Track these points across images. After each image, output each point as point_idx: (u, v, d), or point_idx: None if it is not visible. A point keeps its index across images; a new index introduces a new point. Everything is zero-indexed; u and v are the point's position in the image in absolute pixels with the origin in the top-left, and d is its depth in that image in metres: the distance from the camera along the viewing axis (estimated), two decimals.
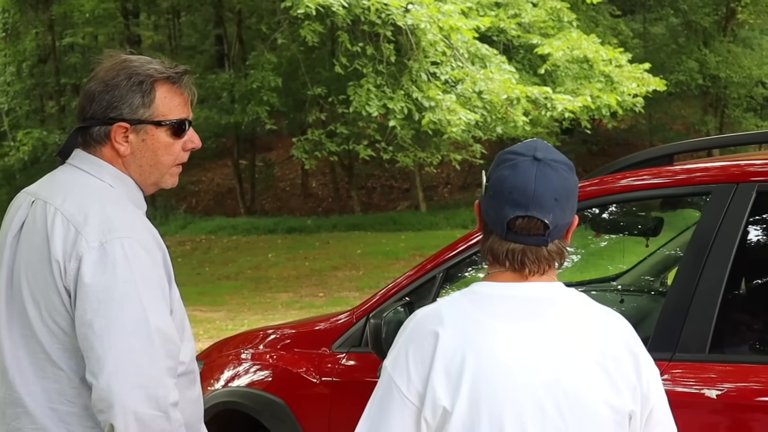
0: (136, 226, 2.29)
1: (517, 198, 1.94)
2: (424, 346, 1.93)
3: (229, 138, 23.35)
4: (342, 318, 4.06)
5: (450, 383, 1.90)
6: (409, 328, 2.00)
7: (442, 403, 1.89)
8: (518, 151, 2.00)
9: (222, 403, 4.24)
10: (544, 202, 1.95)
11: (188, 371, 2.38)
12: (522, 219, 1.95)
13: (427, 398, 1.90)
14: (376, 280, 14.14)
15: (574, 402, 1.91)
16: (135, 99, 2.34)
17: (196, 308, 12.60)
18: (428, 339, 1.94)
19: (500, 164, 2.00)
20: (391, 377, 1.96)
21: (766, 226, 3.62)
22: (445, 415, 1.89)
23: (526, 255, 1.98)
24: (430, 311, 2.01)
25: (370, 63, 13.61)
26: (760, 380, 2.86)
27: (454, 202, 22.02)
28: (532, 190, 1.94)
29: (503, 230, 1.97)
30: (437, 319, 1.97)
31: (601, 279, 5.13)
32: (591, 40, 14.65)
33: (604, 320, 2.04)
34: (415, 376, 1.92)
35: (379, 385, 1.99)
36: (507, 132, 13.99)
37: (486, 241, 2.02)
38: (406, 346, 1.96)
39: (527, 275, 1.99)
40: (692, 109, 24.44)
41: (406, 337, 1.98)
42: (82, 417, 2.25)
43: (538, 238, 1.96)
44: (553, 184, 1.96)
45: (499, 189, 1.97)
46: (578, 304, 2.03)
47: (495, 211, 1.97)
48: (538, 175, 1.95)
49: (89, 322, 2.17)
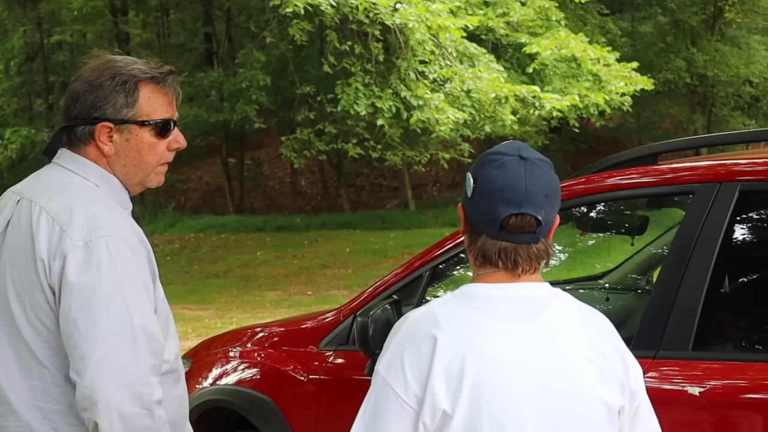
0: (121, 225, 2.29)
1: (509, 196, 1.94)
2: (421, 350, 1.91)
3: (218, 136, 23.30)
4: (329, 316, 4.07)
5: (450, 386, 1.88)
6: (402, 330, 1.98)
7: (442, 406, 1.88)
8: (502, 152, 2.01)
9: (210, 401, 4.25)
10: (536, 199, 1.95)
11: (172, 369, 2.39)
12: (515, 217, 1.95)
13: (426, 402, 1.89)
14: (365, 279, 14.14)
15: (572, 400, 1.93)
16: (119, 99, 2.34)
17: (184, 306, 12.59)
18: (425, 343, 1.92)
19: (486, 164, 2.00)
20: (386, 381, 1.93)
21: (748, 224, 3.65)
22: (445, 418, 1.88)
23: (518, 254, 1.98)
24: (424, 314, 1.99)
25: (358, 62, 13.62)
26: (742, 377, 2.88)
27: (443, 200, 22.04)
28: (523, 188, 1.95)
29: (495, 229, 1.96)
30: (433, 322, 1.94)
31: (587, 277, 5.16)
32: (579, 39, 14.68)
33: (592, 319, 2.06)
34: (413, 380, 1.90)
35: (373, 389, 1.96)
36: (495, 131, 14.01)
37: (475, 243, 2.01)
38: (401, 349, 1.94)
39: (519, 274, 1.99)
40: (680, 107, 24.50)
41: (400, 340, 1.96)
42: (66, 415, 2.26)
43: (529, 236, 1.97)
44: (542, 181, 1.97)
45: (489, 188, 1.96)
46: (568, 304, 2.05)
47: (485, 210, 1.97)
48: (527, 173, 1.96)
49: (73, 321, 2.17)
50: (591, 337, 2.01)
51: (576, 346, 1.98)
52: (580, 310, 2.06)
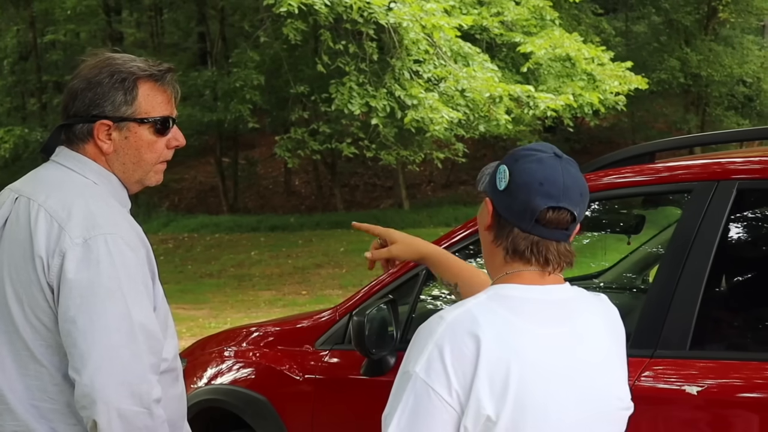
0: (120, 222, 2.28)
1: (548, 189, 1.93)
2: (464, 352, 1.84)
3: (212, 136, 23.28)
4: (325, 315, 4.06)
5: (495, 392, 1.83)
6: (439, 331, 1.88)
7: (486, 411, 1.82)
8: (538, 149, 2.01)
9: (205, 401, 4.24)
10: (573, 195, 1.95)
11: (171, 368, 2.38)
12: (553, 210, 1.93)
13: (470, 406, 1.83)
14: (359, 278, 14.13)
15: (603, 405, 1.96)
16: (117, 96, 2.33)
17: (178, 306, 12.56)
18: (468, 344, 1.85)
19: (522, 158, 1.99)
20: (426, 383, 1.84)
21: (746, 223, 3.64)
22: (488, 423, 1.83)
23: (549, 250, 1.96)
24: (463, 314, 1.90)
25: (352, 61, 13.61)
26: (740, 376, 2.88)
27: (437, 200, 22.04)
28: (561, 182, 1.94)
29: (530, 222, 1.94)
30: (474, 323, 1.87)
31: (583, 276, 5.15)
32: (573, 39, 14.71)
33: (607, 314, 2.08)
34: (456, 382, 1.83)
35: (408, 393, 1.87)
36: (489, 130, 14.02)
37: (504, 237, 1.98)
38: (440, 350, 1.85)
39: (549, 273, 1.97)
40: (674, 107, 24.54)
41: (439, 340, 1.87)
42: (64, 414, 2.25)
43: (561, 233, 1.96)
44: (577, 179, 1.98)
45: (528, 180, 1.94)
46: (592, 304, 2.05)
47: (521, 203, 1.94)
48: (563, 170, 1.97)
49: (72, 319, 2.16)
50: (614, 340, 2.04)
51: (604, 351, 1.99)
52: (603, 310, 2.07)
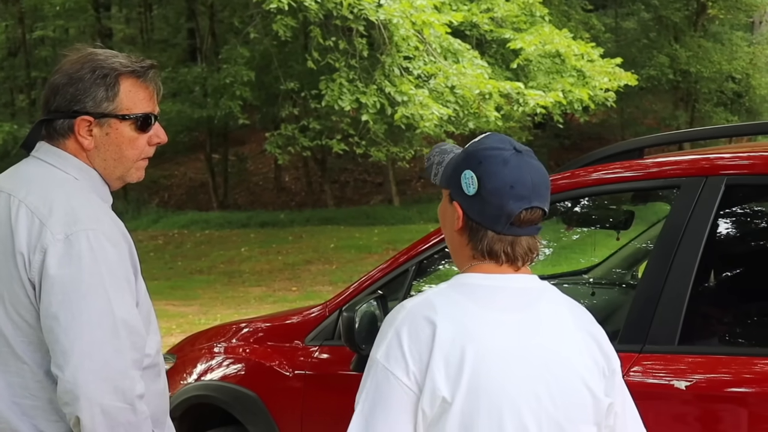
0: (102, 218, 2.27)
1: (519, 191, 1.95)
2: (420, 336, 1.91)
3: (202, 132, 23.25)
4: (315, 311, 4.06)
5: (449, 373, 1.88)
6: (399, 318, 1.96)
7: (441, 393, 1.88)
8: (497, 146, 2.00)
9: (195, 397, 4.23)
10: (542, 191, 1.98)
11: (153, 364, 2.37)
12: (527, 211, 1.96)
13: (426, 388, 1.89)
14: (350, 274, 14.14)
15: (564, 389, 1.96)
16: (99, 92, 2.32)
17: (168, 302, 12.55)
18: (424, 329, 1.91)
19: (485, 161, 1.99)
20: (386, 368, 1.92)
21: (734, 219, 3.65)
22: (444, 405, 1.88)
23: (521, 245, 2.00)
24: (422, 302, 1.98)
25: (342, 57, 13.59)
26: (728, 371, 2.88)
27: (427, 196, 22.04)
28: (530, 181, 1.96)
29: (505, 225, 1.97)
30: (431, 309, 1.94)
31: (572, 272, 5.16)
32: (563, 35, 14.72)
33: (577, 310, 2.09)
34: (413, 365, 1.90)
35: (371, 379, 1.94)
36: (479, 127, 14.01)
37: (478, 240, 2.00)
38: (399, 335, 1.92)
39: (519, 266, 2.01)
40: (663, 103, 24.60)
41: (398, 327, 1.94)
42: (46, 411, 2.24)
43: (533, 228, 2.00)
44: (541, 173, 2.00)
45: (498, 185, 1.96)
46: (557, 296, 2.08)
47: (495, 208, 1.96)
48: (528, 167, 1.98)
49: (54, 315, 2.15)
50: (580, 328, 2.04)
51: (567, 337, 2.00)
52: (567, 301, 2.09)
